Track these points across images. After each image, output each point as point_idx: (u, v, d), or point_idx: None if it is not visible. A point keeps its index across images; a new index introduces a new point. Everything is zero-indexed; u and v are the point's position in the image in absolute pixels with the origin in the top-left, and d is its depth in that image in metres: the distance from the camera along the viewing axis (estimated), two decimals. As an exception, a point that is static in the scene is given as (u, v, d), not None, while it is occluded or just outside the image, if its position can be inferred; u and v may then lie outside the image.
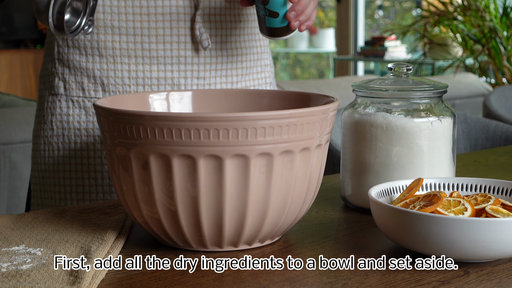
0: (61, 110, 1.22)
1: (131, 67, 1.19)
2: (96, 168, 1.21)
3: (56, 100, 1.23)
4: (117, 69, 1.19)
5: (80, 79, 1.20)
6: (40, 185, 1.25)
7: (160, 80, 1.20)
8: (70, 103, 1.22)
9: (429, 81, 1.05)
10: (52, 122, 1.23)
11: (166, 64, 1.19)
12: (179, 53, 1.19)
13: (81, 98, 1.21)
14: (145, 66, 1.19)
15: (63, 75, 1.21)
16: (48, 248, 0.85)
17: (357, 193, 1.05)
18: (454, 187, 0.98)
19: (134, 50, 1.18)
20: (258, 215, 0.84)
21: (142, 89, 1.20)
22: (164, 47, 1.19)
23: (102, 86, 1.20)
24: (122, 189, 0.87)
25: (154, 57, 1.19)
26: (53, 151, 1.23)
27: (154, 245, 0.90)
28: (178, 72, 1.20)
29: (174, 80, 1.20)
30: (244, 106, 1.05)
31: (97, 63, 1.19)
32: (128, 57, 1.19)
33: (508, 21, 4.28)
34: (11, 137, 2.66)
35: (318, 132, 0.86)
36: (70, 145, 1.22)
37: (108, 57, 1.19)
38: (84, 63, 1.20)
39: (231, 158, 0.81)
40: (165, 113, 0.80)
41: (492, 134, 2.25)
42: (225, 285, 0.77)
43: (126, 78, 1.19)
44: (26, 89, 7.04)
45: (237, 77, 1.26)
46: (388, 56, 5.65)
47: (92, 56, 1.19)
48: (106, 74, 1.19)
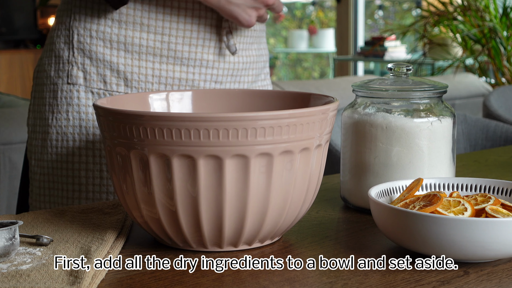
0: (79, 101, 1.21)
1: (155, 65, 1.20)
2: None
3: (73, 90, 1.21)
4: (142, 65, 1.20)
5: (102, 72, 1.20)
6: (49, 175, 1.23)
7: (181, 81, 1.21)
8: (90, 94, 1.20)
9: (429, 81, 1.05)
10: (68, 112, 1.21)
11: (189, 66, 1.21)
12: (202, 56, 1.21)
13: (101, 90, 1.20)
14: (169, 66, 1.20)
15: (83, 66, 1.20)
16: (48, 248, 0.85)
17: (357, 193, 1.05)
18: (454, 187, 0.98)
19: (160, 49, 1.19)
20: (258, 215, 0.84)
21: (164, 87, 1.21)
22: (190, 49, 1.20)
23: (125, 81, 1.20)
24: (122, 189, 0.87)
25: (178, 57, 1.20)
26: (67, 141, 1.21)
27: (154, 245, 0.90)
28: (199, 75, 1.22)
29: (195, 82, 1.22)
30: (244, 106, 1.05)
31: (122, 57, 1.20)
32: (154, 55, 1.20)
33: (508, 21, 4.28)
34: (11, 137, 2.66)
35: (318, 132, 0.86)
36: (88, 136, 1.20)
37: (134, 53, 1.19)
38: (109, 56, 1.20)
39: (231, 158, 0.81)
40: (165, 113, 0.80)
41: (492, 134, 2.25)
42: (225, 285, 0.77)
43: (150, 75, 1.20)
44: (26, 89, 7.04)
45: (248, 84, 1.30)
46: (388, 56, 5.66)
47: (117, 50, 1.19)
48: (131, 69, 1.20)
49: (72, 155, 1.21)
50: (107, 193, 1.21)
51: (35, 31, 7.53)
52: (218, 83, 1.24)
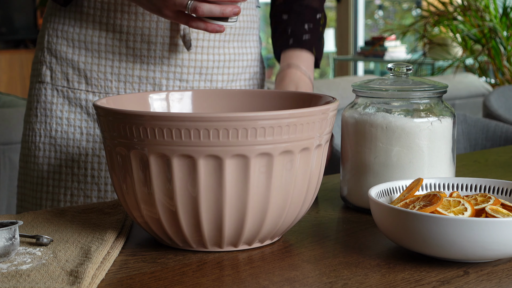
0: (45, 98, 1.25)
1: (114, 63, 1.21)
2: (74, 158, 1.23)
3: (42, 88, 1.25)
4: (101, 64, 1.22)
5: (65, 70, 1.23)
6: (22, 168, 1.29)
7: (141, 79, 1.21)
8: (55, 91, 1.24)
9: (429, 81, 1.05)
10: (37, 108, 1.26)
11: (149, 64, 1.21)
12: (162, 53, 1.20)
13: (65, 88, 1.24)
14: (128, 63, 1.21)
15: (50, 64, 1.24)
16: (48, 248, 0.85)
17: (357, 193, 1.05)
18: (454, 187, 0.98)
19: (119, 47, 1.20)
20: (258, 215, 0.84)
21: (123, 85, 1.22)
22: (148, 47, 1.20)
23: (86, 79, 1.22)
24: (122, 189, 0.87)
25: (137, 55, 1.21)
26: (34, 136, 1.26)
27: (154, 245, 0.90)
28: (160, 73, 1.21)
29: (156, 80, 1.22)
30: (244, 106, 1.05)
31: (82, 56, 1.22)
32: (112, 53, 1.21)
33: (508, 21, 4.28)
34: (11, 137, 2.66)
35: (318, 132, 0.86)
36: (51, 132, 1.24)
37: (94, 52, 1.21)
38: (71, 54, 1.23)
39: (231, 158, 0.81)
40: (165, 113, 0.80)
41: (492, 134, 2.25)
42: (225, 285, 0.77)
43: (109, 73, 1.22)
44: (26, 89, 7.03)
45: (222, 83, 1.26)
46: (388, 56, 5.66)
47: (79, 49, 1.22)
48: (90, 67, 1.22)
49: (38, 149, 1.26)
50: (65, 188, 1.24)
51: (35, 31, 7.53)
52: (184, 81, 1.22)
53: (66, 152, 1.24)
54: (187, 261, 0.84)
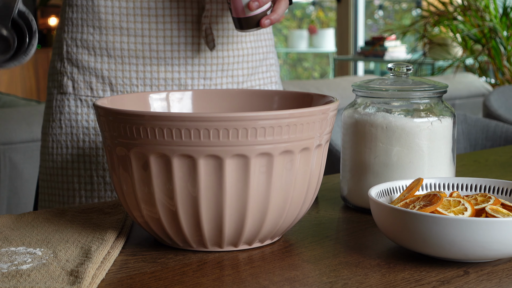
0: (69, 109, 1.24)
1: (139, 67, 1.21)
2: (105, 167, 1.22)
3: (64, 99, 1.24)
4: (125, 69, 1.21)
5: (88, 79, 1.23)
6: (48, 182, 1.27)
7: (167, 80, 1.22)
8: (79, 102, 1.23)
9: (429, 81, 1.05)
10: (61, 120, 1.25)
11: (174, 65, 1.21)
12: (186, 54, 1.21)
13: (89, 97, 1.23)
14: (153, 67, 1.21)
15: (71, 75, 1.23)
16: (48, 248, 0.85)
17: (357, 193, 1.05)
18: (454, 187, 0.98)
19: (142, 51, 1.20)
20: (258, 215, 0.84)
21: (149, 89, 1.22)
22: (172, 48, 1.20)
23: (110, 86, 1.22)
24: (122, 189, 0.87)
25: (161, 58, 1.21)
26: (61, 148, 1.25)
27: (154, 245, 0.90)
28: (185, 73, 1.22)
29: (181, 81, 1.22)
30: (244, 106, 1.05)
31: (105, 63, 1.21)
32: (136, 58, 1.21)
33: (508, 21, 4.28)
34: (11, 137, 2.66)
35: (318, 132, 0.86)
36: (79, 143, 1.23)
37: (117, 58, 1.21)
38: (93, 63, 1.22)
39: (231, 158, 0.81)
40: (165, 113, 0.80)
41: (492, 134, 2.25)
42: (225, 285, 0.77)
43: (134, 78, 1.21)
44: (26, 89, 7.04)
45: (243, 77, 1.28)
46: (388, 56, 5.65)
47: (101, 56, 1.21)
48: (114, 74, 1.21)
49: (66, 161, 1.24)
50: (98, 198, 1.24)
51: (35, 31, 7.52)
52: (208, 79, 1.24)
53: (96, 162, 1.23)
54: (187, 261, 0.84)
